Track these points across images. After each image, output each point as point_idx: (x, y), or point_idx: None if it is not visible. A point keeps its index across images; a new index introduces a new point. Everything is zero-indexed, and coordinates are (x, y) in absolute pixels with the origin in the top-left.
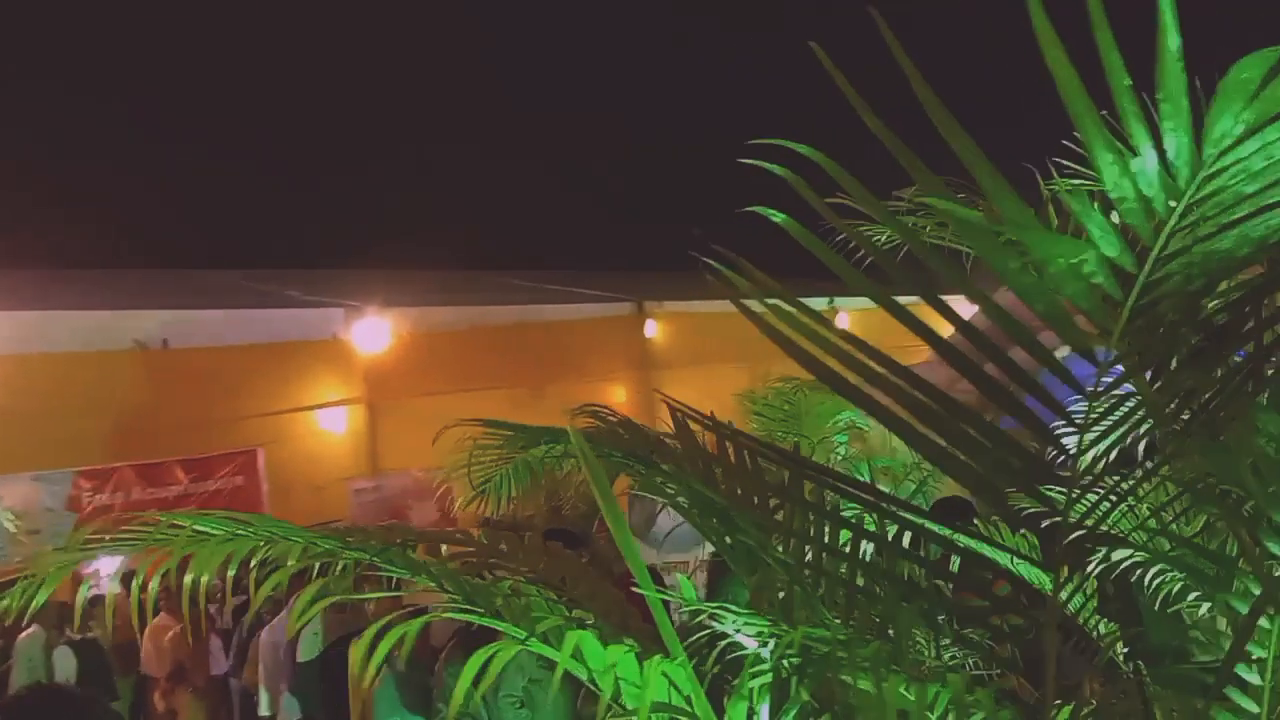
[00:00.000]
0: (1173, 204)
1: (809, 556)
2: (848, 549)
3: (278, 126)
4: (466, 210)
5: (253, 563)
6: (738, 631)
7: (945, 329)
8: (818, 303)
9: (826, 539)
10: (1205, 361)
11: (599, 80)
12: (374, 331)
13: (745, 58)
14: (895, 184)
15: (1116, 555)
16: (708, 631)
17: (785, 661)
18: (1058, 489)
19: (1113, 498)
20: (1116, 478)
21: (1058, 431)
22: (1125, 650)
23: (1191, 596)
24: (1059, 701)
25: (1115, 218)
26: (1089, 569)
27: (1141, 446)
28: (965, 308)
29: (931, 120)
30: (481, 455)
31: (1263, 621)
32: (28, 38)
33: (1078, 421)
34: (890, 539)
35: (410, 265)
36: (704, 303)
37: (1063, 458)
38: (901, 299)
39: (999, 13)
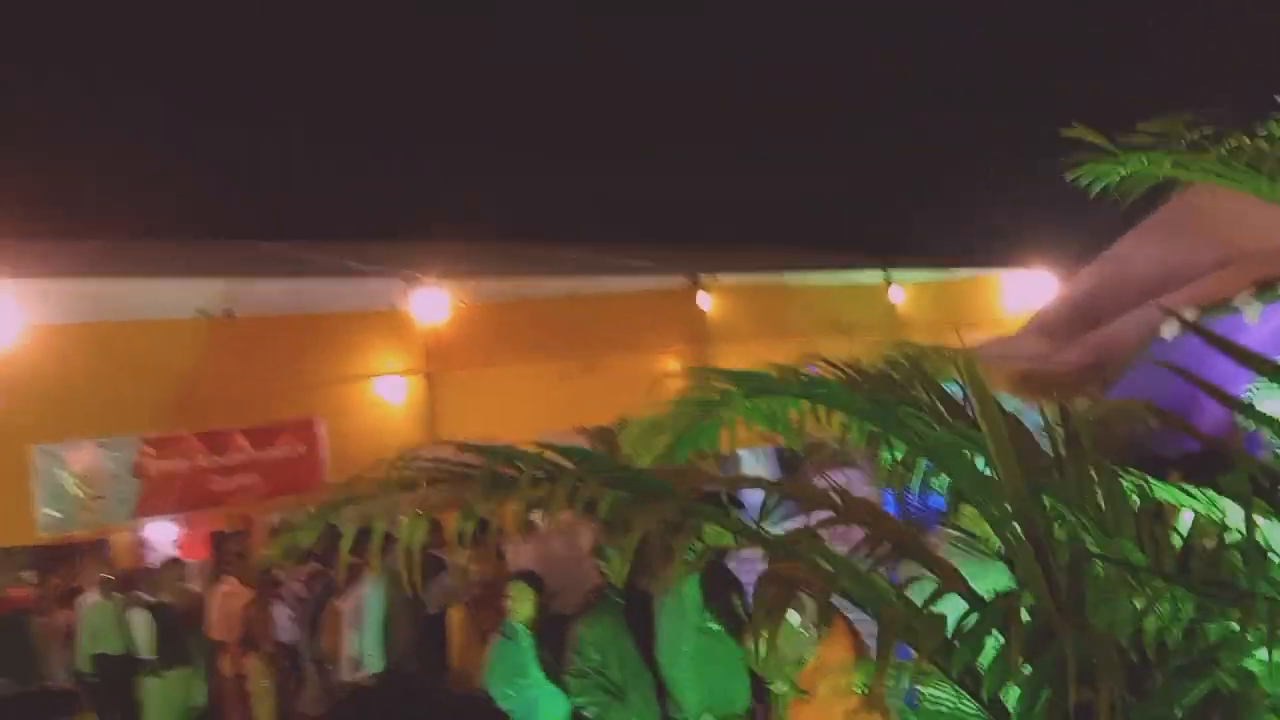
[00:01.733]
0: None
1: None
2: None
3: (335, 99)
4: (521, 182)
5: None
6: None
7: (994, 303)
8: (872, 275)
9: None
10: None
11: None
12: (432, 302)
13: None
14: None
15: None
16: None
17: None
18: None
19: None
20: None
21: None
22: None
23: None
24: None
25: None
26: None
27: None
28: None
29: None
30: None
31: None
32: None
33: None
34: None
35: (465, 237)
36: (759, 275)
37: None
38: (956, 273)
39: None
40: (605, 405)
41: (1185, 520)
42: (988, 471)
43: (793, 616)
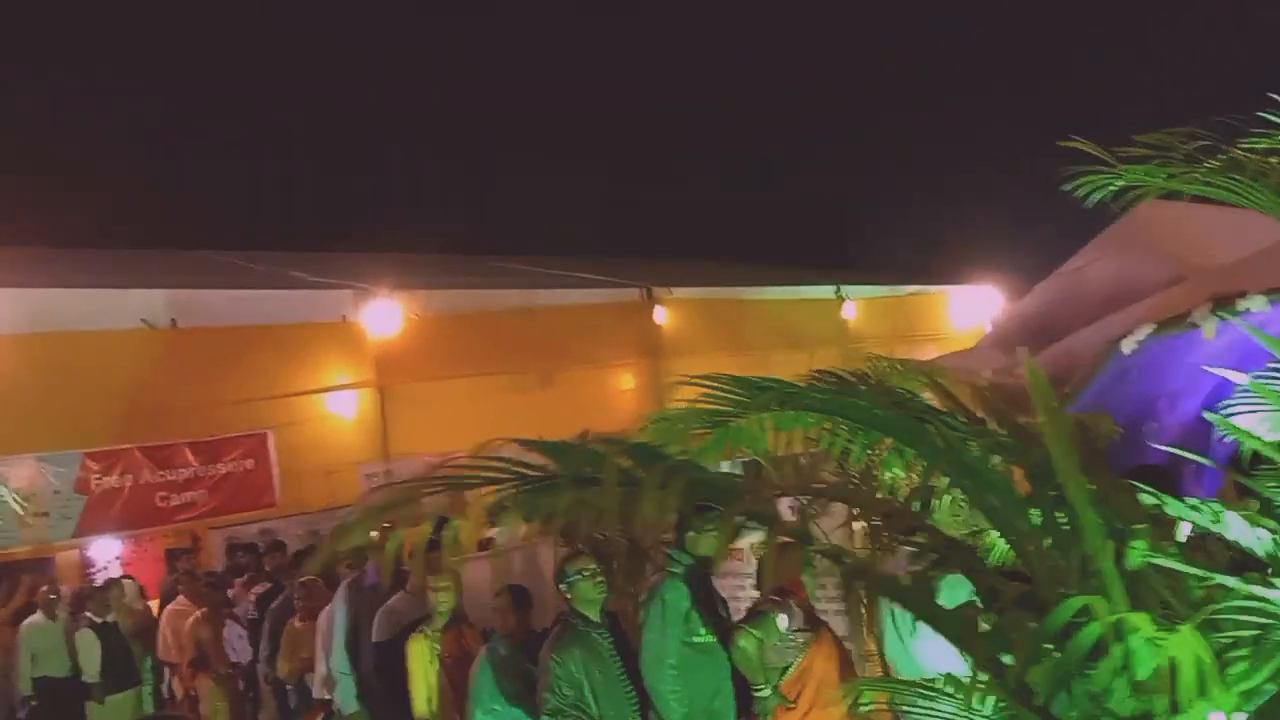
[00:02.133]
0: None
1: None
2: None
3: (288, 109)
4: (475, 194)
5: None
6: None
7: (943, 319)
8: (825, 290)
9: None
10: None
11: (607, 65)
12: (384, 314)
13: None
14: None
15: None
16: None
17: None
18: None
19: None
20: None
21: None
22: None
23: None
24: None
25: None
26: None
27: None
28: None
29: None
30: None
31: None
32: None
33: None
34: None
35: (417, 249)
36: (714, 289)
37: None
38: (906, 289)
39: None
40: (561, 419)
41: (1183, 532)
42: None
43: (781, 621)
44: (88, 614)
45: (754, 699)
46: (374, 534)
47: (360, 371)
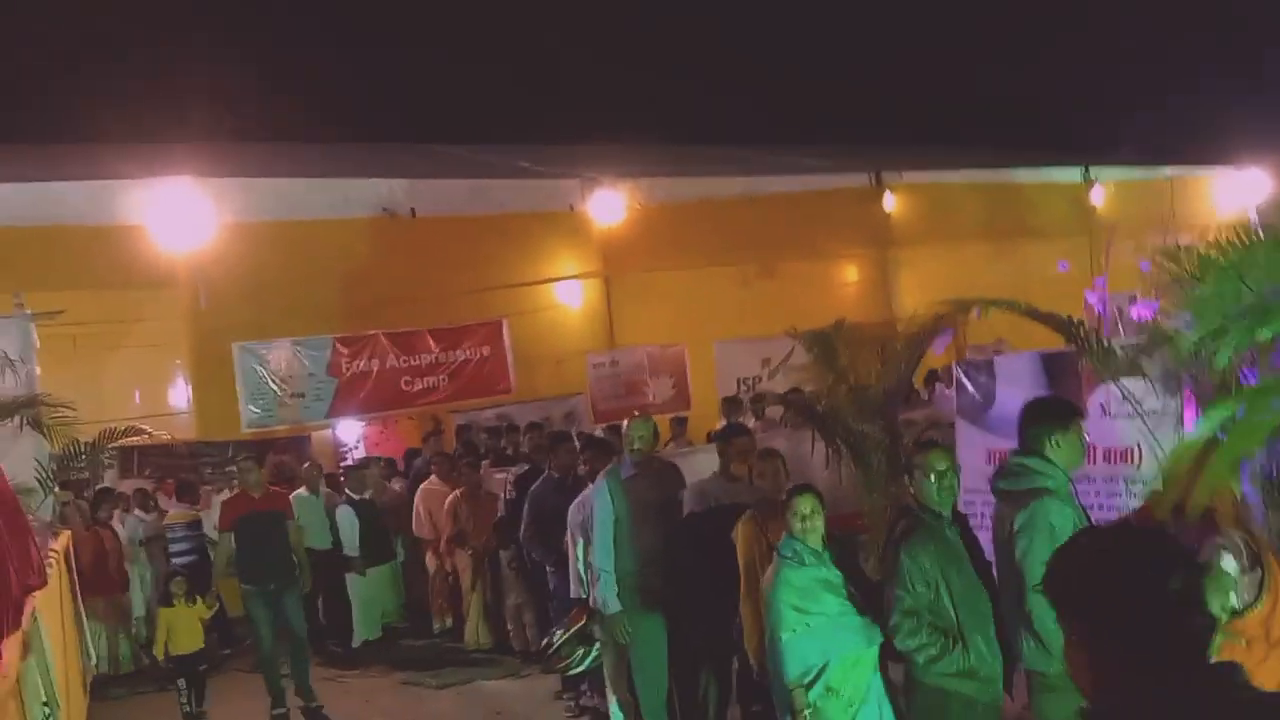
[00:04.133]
0: None
1: None
2: None
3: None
4: (699, 82)
5: None
6: None
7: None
8: (1071, 174)
9: None
10: None
11: None
12: (609, 204)
13: None
14: None
15: None
16: None
17: None
18: None
19: None
20: None
21: None
22: None
23: None
24: None
25: None
26: None
27: None
28: None
29: None
30: None
31: None
32: None
33: None
34: None
35: (642, 139)
36: (948, 174)
37: None
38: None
39: None
40: (784, 311)
41: None
42: None
43: (1228, 564)
44: (347, 490)
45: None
46: None
47: (587, 261)
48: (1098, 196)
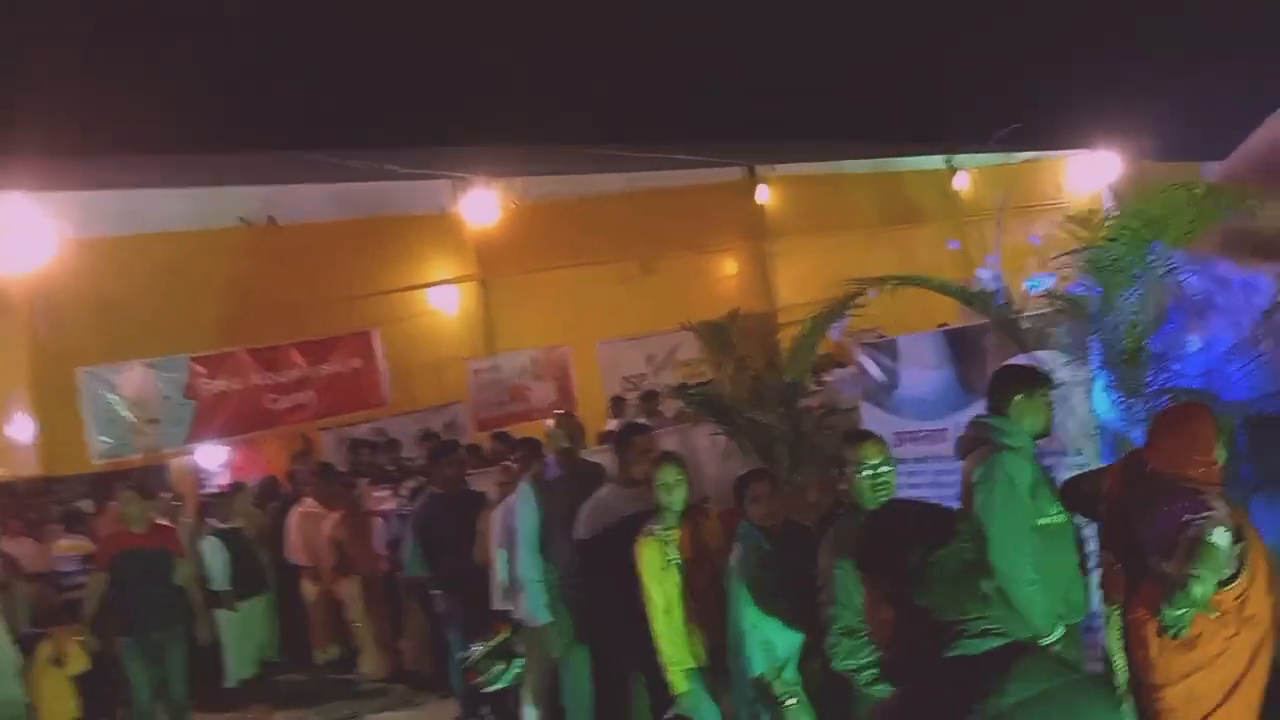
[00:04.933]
0: None
1: None
2: None
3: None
4: (570, 82)
5: None
6: None
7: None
8: (935, 162)
9: None
10: None
11: None
12: (482, 203)
13: None
14: None
15: None
16: None
17: None
18: None
19: None
20: None
21: None
22: None
23: None
24: None
25: None
26: None
27: None
28: None
29: None
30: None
31: None
32: None
33: None
34: None
35: (512, 141)
36: (818, 165)
37: None
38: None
39: None
40: (666, 307)
41: None
42: None
43: (1220, 538)
44: (212, 520)
45: (1163, 613)
46: None
47: (462, 265)
48: (960, 182)
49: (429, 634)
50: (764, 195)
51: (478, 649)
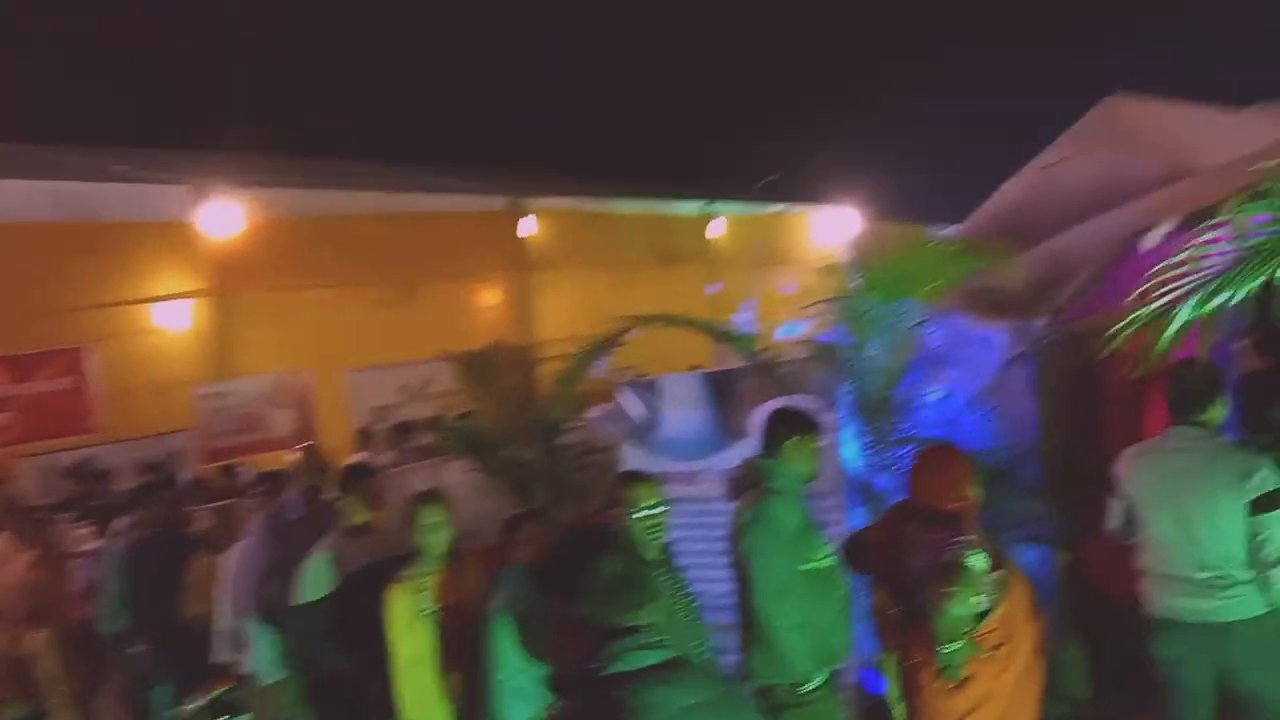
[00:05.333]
0: None
1: None
2: None
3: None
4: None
5: None
6: None
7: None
8: (693, 207)
9: None
10: None
11: None
12: (224, 214)
13: None
14: None
15: None
16: None
17: None
18: None
19: None
20: None
21: None
22: None
23: None
24: None
25: None
26: None
27: None
28: None
29: None
30: None
31: None
32: None
33: None
34: None
35: (262, 151)
36: (583, 201)
37: None
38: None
39: None
40: (421, 336)
41: None
42: None
43: (979, 563)
44: None
45: (938, 654)
46: None
47: (196, 280)
48: (716, 228)
49: (128, 693)
50: (529, 227)
51: (190, 707)
